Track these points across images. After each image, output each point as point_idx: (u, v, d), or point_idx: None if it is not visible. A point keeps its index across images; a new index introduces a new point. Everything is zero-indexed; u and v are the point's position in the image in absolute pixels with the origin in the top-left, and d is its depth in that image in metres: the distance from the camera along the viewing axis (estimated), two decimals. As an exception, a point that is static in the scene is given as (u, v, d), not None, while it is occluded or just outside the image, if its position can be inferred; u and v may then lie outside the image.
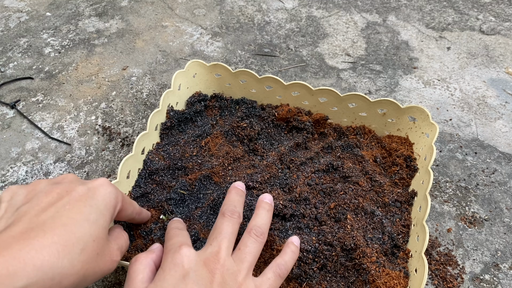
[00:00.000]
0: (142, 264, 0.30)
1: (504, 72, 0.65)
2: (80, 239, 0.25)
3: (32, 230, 0.24)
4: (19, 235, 0.24)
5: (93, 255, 0.26)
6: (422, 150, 0.45)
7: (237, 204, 0.35)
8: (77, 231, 0.25)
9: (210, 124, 0.50)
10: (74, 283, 0.25)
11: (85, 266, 0.25)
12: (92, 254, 0.26)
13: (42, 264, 0.23)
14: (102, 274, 0.28)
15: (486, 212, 0.47)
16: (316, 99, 0.50)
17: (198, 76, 0.53)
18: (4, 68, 0.65)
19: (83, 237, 0.26)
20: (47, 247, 0.23)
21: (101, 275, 0.28)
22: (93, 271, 0.27)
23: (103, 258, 0.28)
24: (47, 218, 0.25)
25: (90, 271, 0.26)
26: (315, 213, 0.40)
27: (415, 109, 0.46)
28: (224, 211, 0.34)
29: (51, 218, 0.25)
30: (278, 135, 0.50)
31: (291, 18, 0.76)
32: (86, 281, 0.26)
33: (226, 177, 0.44)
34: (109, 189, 0.30)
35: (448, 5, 0.79)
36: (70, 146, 0.53)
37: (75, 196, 0.28)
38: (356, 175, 0.44)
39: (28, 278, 0.22)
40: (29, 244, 0.23)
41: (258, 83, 0.51)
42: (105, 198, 0.29)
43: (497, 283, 0.41)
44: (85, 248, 0.26)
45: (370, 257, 0.36)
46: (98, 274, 0.28)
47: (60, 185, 0.29)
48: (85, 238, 0.26)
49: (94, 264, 0.27)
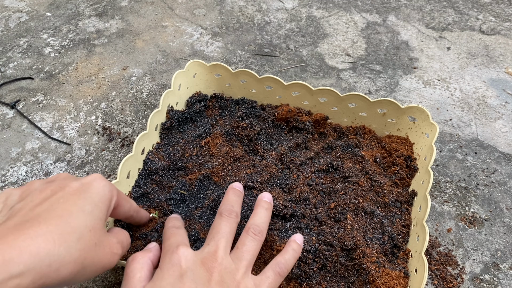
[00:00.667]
0: (139, 263, 0.30)
1: (504, 72, 0.65)
2: (76, 229, 0.25)
3: (27, 222, 0.24)
4: (13, 227, 0.24)
5: (90, 244, 0.26)
6: (422, 150, 0.45)
7: (234, 204, 0.35)
8: (72, 221, 0.26)
9: (210, 124, 0.50)
10: (72, 272, 0.25)
11: (83, 255, 0.26)
12: (89, 243, 0.26)
13: (38, 251, 0.23)
14: (102, 266, 0.28)
15: (486, 212, 0.47)
16: (316, 99, 0.50)
17: (198, 76, 0.53)
18: (4, 68, 0.65)
19: (78, 227, 0.26)
20: (42, 236, 0.23)
21: (102, 268, 0.28)
22: (92, 261, 0.27)
23: (102, 249, 0.28)
24: (42, 211, 0.25)
25: (89, 261, 0.26)
26: (315, 213, 0.40)
27: (415, 109, 0.46)
28: (222, 211, 0.34)
29: (46, 210, 0.25)
30: (278, 135, 0.50)
31: (291, 18, 0.76)
32: (86, 272, 0.26)
33: (226, 177, 0.44)
34: (102, 183, 0.30)
35: (448, 5, 0.79)
36: (70, 146, 0.53)
37: (69, 191, 0.28)
38: (356, 175, 0.44)
39: (24, 265, 0.22)
40: (24, 233, 0.23)
41: (258, 83, 0.51)
42: (99, 191, 0.29)
43: (497, 283, 0.41)
44: (81, 238, 0.26)
45: (370, 257, 0.36)
46: (99, 266, 0.28)
47: (54, 182, 0.29)
48: (81, 228, 0.26)
49: (93, 254, 0.27)
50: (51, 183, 0.29)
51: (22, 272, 0.22)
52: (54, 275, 0.24)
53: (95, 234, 0.27)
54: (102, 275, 0.41)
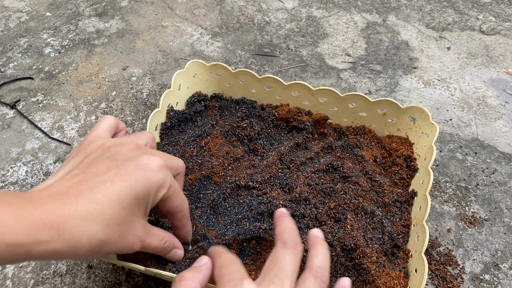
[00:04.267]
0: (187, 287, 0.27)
1: (504, 72, 0.65)
2: (105, 220, 0.26)
3: (69, 195, 0.26)
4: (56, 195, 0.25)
5: (113, 236, 0.27)
6: (422, 150, 0.45)
7: (296, 233, 0.30)
8: (106, 212, 0.26)
9: (210, 124, 0.50)
10: (86, 255, 0.27)
11: (100, 245, 0.26)
12: (112, 235, 0.27)
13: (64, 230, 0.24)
14: (116, 252, 0.29)
15: (486, 212, 0.47)
16: (316, 99, 0.50)
17: (198, 76, 0.53)
18: (4, 68, 0.65)
19: (109, 218, 0.27)
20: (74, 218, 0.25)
21: (116, 252, 0.30)
22: (107, 250, 0.28)
23: (124, 241, 0.28)
24: (86, 188, 0.26)
25: (105, 249, 0.27)
26: (315, 213, 0.40)
27: (415, 109, 0.46)
28: (286, 240, 0.29)
29: (89, 190, 0.26)
30: (278, 135, 0.50)
31: (291, 18, 0.76)
32: (100, 254, 0.28)
33: (226, 177, 0.44)
34: (155, 177, 0.29)
35: (448, 5, 0.79)
36: (70, 146, 0.53)
37: (121, 174, 0.28)
38: (356, 175, 0.44)
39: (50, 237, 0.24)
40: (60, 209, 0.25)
41: (258, 83, 0.51)
42: (147, 186, 0.29)
43: (497, 283, 0.41)
44: (106, 229, 0.26)
45: (370, 257, 0.36)
46: (113, 251, 0.29)
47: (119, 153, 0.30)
48: (111, 220, 0.27)
49: (112, 243, 0.27)
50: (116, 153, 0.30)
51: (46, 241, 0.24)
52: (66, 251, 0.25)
53: (123, 226, 0.28)
54: (102, 275, 0.41)
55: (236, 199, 0.42)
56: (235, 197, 0.42)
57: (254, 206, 0.41)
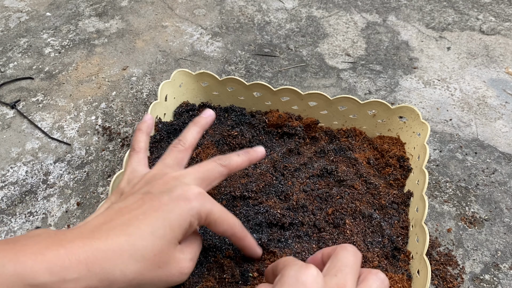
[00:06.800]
0: None
1: (504, 72, 0.65)
2: (138, 251, 0.26)
3: (100, 231, 0.26)
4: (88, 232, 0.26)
5: (151, 267, 0.27)
6: (414, 150, 0.45)
7: None
8: (139, 243, 0.26)
9: None
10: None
11: (138, 277, 0.26)
12: (150, 267, 0.26)
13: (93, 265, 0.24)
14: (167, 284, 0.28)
15: (486, 212, 0.47)
16: (306, 103, 0.49)
17: (184, 85, 0.52)
18: (4, 68, 0.65)
19: (143, 249, 0.26)
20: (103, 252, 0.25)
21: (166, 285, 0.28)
22: (151, 281, 0.27)
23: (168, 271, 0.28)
24: (119, 223, 0.27)
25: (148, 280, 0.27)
26: (313, 220, 0.40)
27: (405, 109, 0.46)
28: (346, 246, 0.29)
29: (121, 224, 0.26)
30: (269, 142, 0.49)
31: (291, 18, 0.76)
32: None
33: (220, 188, 0.43)
34: (189, 206, 0.29)
35: (448, 5, 0.79)
36: (70, 146, 0.53)
37: (154, 206, 0.28)
38: (350, 178, 0.44)
39: (79, 274, 0.23)
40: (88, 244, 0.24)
41: (246, 90, 0.50)
42: (182, 214, 0.28)
43: (497, 283, 0.41)
44: (141, 261, 0.26)
45: (372, 261, 0.36)
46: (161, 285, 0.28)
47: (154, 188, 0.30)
48: (145, 251, 0.26)
49: (153, 275, 0.27)
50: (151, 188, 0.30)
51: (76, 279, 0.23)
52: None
53: (160, 258, 0.27)
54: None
55: (232, 211, 0.41)
56: (231, 209, 0.41)
57: (251, 216, 0.40)
